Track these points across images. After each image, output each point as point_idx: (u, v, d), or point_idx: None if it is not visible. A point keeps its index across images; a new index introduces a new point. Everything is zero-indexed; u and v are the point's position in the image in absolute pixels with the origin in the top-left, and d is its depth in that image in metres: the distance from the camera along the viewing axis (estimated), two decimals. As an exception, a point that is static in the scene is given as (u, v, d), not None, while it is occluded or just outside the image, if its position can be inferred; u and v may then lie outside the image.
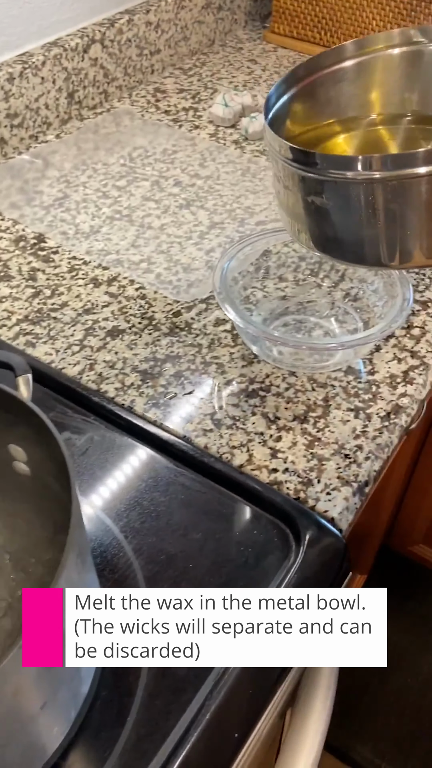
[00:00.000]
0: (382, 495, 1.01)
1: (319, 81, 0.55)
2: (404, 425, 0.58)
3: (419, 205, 0.43)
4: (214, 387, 0.59)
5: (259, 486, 0.51)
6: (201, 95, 1.01)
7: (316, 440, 0.56)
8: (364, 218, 0.45)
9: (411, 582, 1.36)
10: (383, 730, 1.19)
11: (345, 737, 1.18)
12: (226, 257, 0.62)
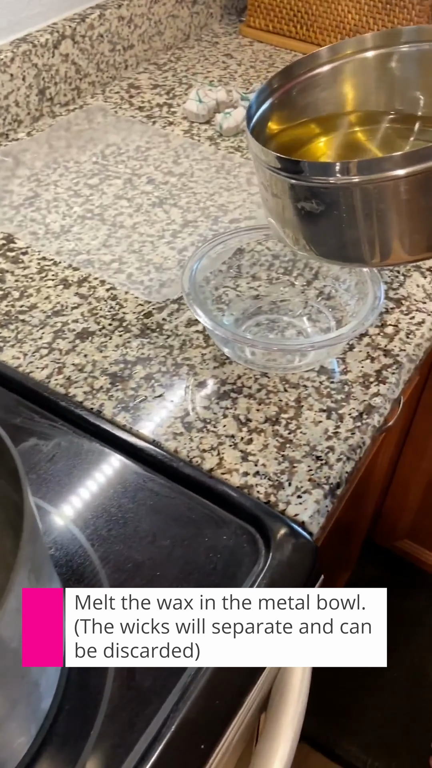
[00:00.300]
0: (364, 490, 1.01)
1: (296, 88, 0.55)
2: (377, 425, 0.57)
3: (404, 203, 0.43)
4: (185, 389, 0.59)
5: (229, 490, 0.51)
6: (175, 91, 1.00)
7: (287, 442, 0.55)
8: (355, 220, 0.44)
9: (397, 577, 1.37)
10: (370, 727, 1.19)
11: (332, 734, 1.18)
12: (196, 257, 0.61)
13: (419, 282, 0.69)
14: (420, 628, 1.30)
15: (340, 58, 0.54)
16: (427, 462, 1.15)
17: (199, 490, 0.51)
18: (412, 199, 0.43)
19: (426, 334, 0.64)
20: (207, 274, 0.66)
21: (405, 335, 0.64)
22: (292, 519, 0.50)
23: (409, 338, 0.64)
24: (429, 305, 0.67)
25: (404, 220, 0.44)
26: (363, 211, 0.43)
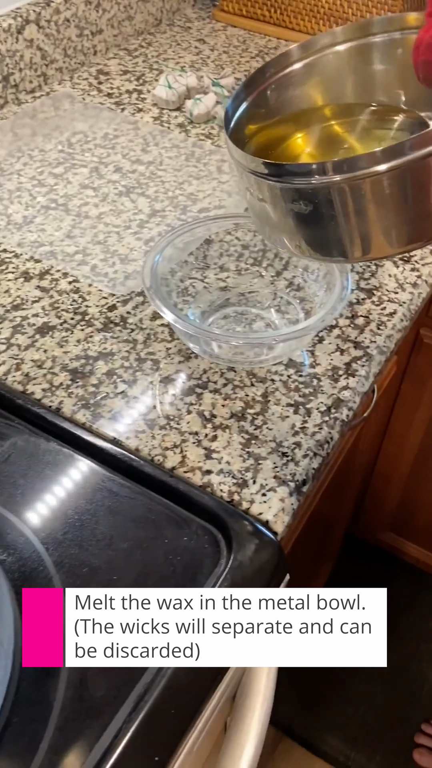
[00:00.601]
0: (344, 482, 1.00)
1: (270, 87, 0.54)
2: (345, 419, 0.55)
3: (392, 197, 0.42)
4: (148, 385, 0.57)
5: (190, 489, 0.49)
6: (146, 77, 0.97)
7: (253, 438, 0.53)
8: (342, 217, 0.43)
9: (379, 569, 1.36)
10: (353, 720, 1.18)
11: (314, 728, 1.17)
12: (158, 248, 0.59)
13: (391, 272, 0.68)
14: (403, 621, 1.30)
15: (312, 54, 0.53)
16: (407, 453, 1.14)
17: (160, 490, 0.49)
18: (394, 192, 0.41)
19: (397, 324, 0.63)
20: (173, 265, 0.64)
21: (376, 326, 0.62)
22: (256, 518, 0.48)
23: (380, 329, 0.62)
24: (401, 295, 0.65)
25: (390, 212, 0.43)
26: (351, 207, 0.42)
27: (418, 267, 0.68)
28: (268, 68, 0.52)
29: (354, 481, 1.08)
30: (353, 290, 0.66)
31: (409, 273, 0.68)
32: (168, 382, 0.57)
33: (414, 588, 1.34)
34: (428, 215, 0.43)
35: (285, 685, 1.20)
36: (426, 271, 0.68)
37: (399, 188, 0.41)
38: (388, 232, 0.44)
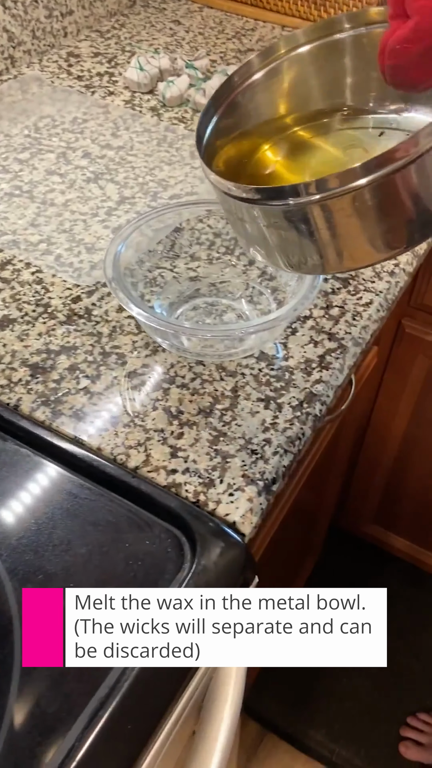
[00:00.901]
0: (326, 474, 0.98)
1: (237, 98, 0.52)
2: (318, 414, 0.53)
3: (374, 209, 0.40)
4: (112, 381, 0.54)
5: (154, 490, 0.46)
6: (118, 59, 0.94)
7: (221, 435, 0.51)
8: (318, 234, 0.42)
9: (364, 562, 1.34)
10: (338, 714, 1.17)
11: (298, 723, 1.16)
12: (121, 237, 0.56)
13: (368, 259, 0.65)
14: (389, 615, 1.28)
15: (274, 60, 0.51)
16: (391, 445, 1.12)
17: (122, 491, 0.47)
18: (375, 204, 0.40)
19: (373, 315, 0.61)
20: (141, 255, 0.61)
21: (351, 317, 0.60)
22: (222, 519, 0.46)
23: (356, 320, 0.60)
24: (377, 284, 0.63)
25: (371, 223, 0.41)
26: (331, 223, 0.41)
27: (395, 255, 0.66)
28: (233, 79, 0.51)
29: (336, 473, 1.07)
30: (328, 279, 0.64)
31: (386, 261, 0.65)
32: (133, 377, 0.55)
33: (400, 581, 1.32)
34: (407, 222, 0.41)
35: (269, 680, 1.19)
36: (404, 259, 0.66)
37: (381, 199, 0.39)
38: (369, 242, 0.43)
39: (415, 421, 1.05)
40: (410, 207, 0.39)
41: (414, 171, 0.36)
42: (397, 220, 0.41)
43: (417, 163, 0.36)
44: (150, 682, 0.38)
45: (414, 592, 1.31)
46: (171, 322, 0.50)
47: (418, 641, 1.25)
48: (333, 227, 0.41)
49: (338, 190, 0.38)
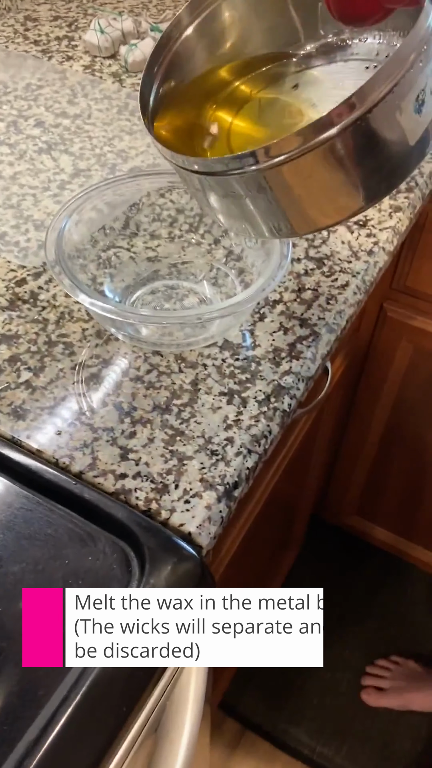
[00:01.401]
0: (305, 466, 0.93)
1: (174, 59, 0.46)
2: (287, 409, 0.48)
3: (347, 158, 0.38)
4: (58, 373, 0.49)
5: (99, 498, 0.41)
6: (79, 23, 0.87)
7: (178, 434, 0.46)
8: (275, 200, 0.40)
9: (347, 553, 1.31)
10: (318, 711, 1.14)
11: (278, 721, 1.12)
12: (66, 212, 0.50)
13: (345, 238, 0.60)
14: (372, 607, 1.25)
15: (204, 10, 0.45)
16: (373, 434, 1.07)
17: (63, 500, 0.41)
18: (348, 152, 0.37)
19: (350, 298, 0.55)
20: (94, 232, 0.55)
21: (325, 301, 0.55)
22: (176, 530, 0.41)
23: (330, 304, 0.54)
24: (354, 265, 0.58)
25: (349, 172, 0.39)
26: (282, 189, 0.39)
27: (374, 233, 0.60)
28: (166, 39, 0.45)
29: (317, 465, 1.02)
30: (300, 260, 0.58)
31: (364, 239, 0.60)
32: (82, 369, 0.49)
33: (383, 572, 1.29)
34: (380, 169, 0.37)
35: (248, 677, 1.15)
36: (384, 236, 0.60)
37: (355, 145, 0.36)
38: (331, 200, 0.40)
39: (398, 410, 1.01)
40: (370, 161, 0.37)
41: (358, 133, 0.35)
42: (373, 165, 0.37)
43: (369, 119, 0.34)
44: (112, 681, 0.34)
45: (397, 584, 1.28)
46: (122, 308, 0.44)
47: (398, 632, 1.22)
48: (289, 190, 0.38)
49: (283, 157, 0.35)
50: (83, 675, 0.35)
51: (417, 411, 0.99)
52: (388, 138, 0.37)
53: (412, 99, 0.36)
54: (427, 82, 0.36)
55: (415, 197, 0.64)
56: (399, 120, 0.36)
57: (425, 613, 1.24)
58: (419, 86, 0.35)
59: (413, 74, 0.35)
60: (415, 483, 1.10)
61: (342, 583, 1.28)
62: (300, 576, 1.26)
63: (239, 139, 0.46)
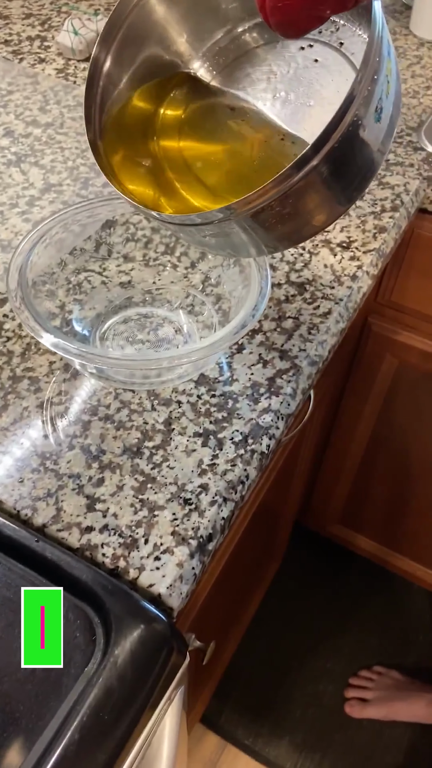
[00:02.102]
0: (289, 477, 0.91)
1: (121, 52, 0.42)
2: (265, 451, 0.45)
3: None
4: (21, 412, 0.46)
5: (61, 557, 0.38)
6: (52, 22, 0.83)
7: (149, 481, 0.43)
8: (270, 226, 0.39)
9: (330, 562, 1.29)
10: (300, 724, 1.13)
11: (259, 734, 1.11)
12: (36, 235, 0.47)
13: (327, 261, 0.57)
14: (355, 616, 1.24)
15: (115, 37, 0.42)
16: (356, 446, 1.05)
17: (24, 558, 0.39)
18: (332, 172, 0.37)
19: (332, 327, 0.53)
20: (63, 255, 0.52)
21: (307, 330, 0.52)
22: (145, 591, 0.38)
23: (312, 334, 0.52)
24: (337, 291, 0.55)
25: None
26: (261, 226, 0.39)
27: (358, 255, 0.58)
28: (90, 79, 0.42)
29: (300, 474, 1.00)
30: (282, 284, 0.55)
31: (348, 263, 0.57)
32: (48, 408, 0.46)
33: (365, 581, 1.28)
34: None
35: (230, 689, 1.14)
36: (368, 260, 0.58)
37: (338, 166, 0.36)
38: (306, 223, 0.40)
39: (382, 422, 0.99)
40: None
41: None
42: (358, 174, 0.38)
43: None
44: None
45: (380, 593, 1.27)
46: (88, 351, 0.41)
47: (381, 642, 1.21)
48: (265, 225, 0.38)
49: (261, 204, 0.35)
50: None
51: (401, 423, 0.97)
52: (357, 156, 0.37)
53: (372, 112, 0.35)
54: (383, 88, 0.34)
55: (400, 216, 0.62)
56: (363, 136, 0.36)
57: (407, 623, 1.23)
58: (377, 98, 0.34)
59: (370, 93, 0.33)
60: (398, 493, 1.09)
61: (324, 593, 1.27)
62: (282, 587, 1.24)
63: (197, 161, 0.44)
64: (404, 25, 0.88)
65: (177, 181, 0.43)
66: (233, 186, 0.43)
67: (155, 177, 0.43)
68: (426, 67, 0.81)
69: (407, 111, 0.74)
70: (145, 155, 0.43)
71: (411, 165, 0.67)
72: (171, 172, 0.43)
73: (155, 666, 0.36)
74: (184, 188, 0.42)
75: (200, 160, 0.43)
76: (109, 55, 0.41)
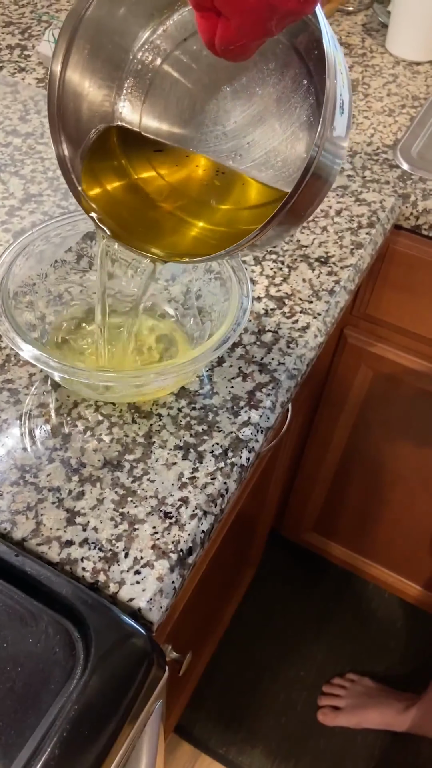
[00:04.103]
0: (266, 484, 0.92)
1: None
2: (245, 464, 0.46)
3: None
4: (1, 425, 0.45)
5: (41, 571, 0.38)
6: (33, 30, 0.83)
7: (129, 494, 0.43)
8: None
9: (305, 570, 1.30)
10: (273, 731, 1.13)
11: (233, 742, 1.11)
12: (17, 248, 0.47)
13: (306, 276, 0.58)
14: (328, 623, 1.25)
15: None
16: (332, 455, 1.07)
17: (3, 573, 0.38)
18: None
19: (310, 341, 0.54)
20: (44, 266, 0.52)
21: (285, 344, 0.53)
22: (125, 605, 0.38)
23: (290, 348, 0.53)
24: (315, 305, 0.56)
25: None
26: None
27: (336, 270, 0.59)
28: (52, 121, 0.42)
29: (276, 484, 1.01)
30: (261, 298, 0.56)
31: (325, 278, 0.58)
32: (28, 420, 0.46)
33: (339, 588, 1.29)
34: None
35: (204, 698, 1.14)
36: (345, 275, 0.59)
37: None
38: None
39: (357, 432, 1.00)
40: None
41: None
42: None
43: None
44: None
45: (351, 599, 1.28)
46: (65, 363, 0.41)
47: (354, 649, 1.22)
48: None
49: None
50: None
51: (375, 433, 0.99)
52: (331, 167, 0.37)
53: (337, 115, 0.35)
54: (343, 84, 0.34)
55: (376, 233, 0.63)
56: (335, 140, 0.35)
57: (380, 630, 1.25)
58: (340, 98, 0.34)
59: (334, 99, 0.34)
60: (371, 501, 1.10)
61: (298, 600, 1.28)
62: (256, 595, 1.25)
63: (181, 182, 0.44)
64: (380, 44, 0.90)
65: (164, 201, 0.43)
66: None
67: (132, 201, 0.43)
68: (401, 86, 0.82)
69: (383, 129, 0.75)
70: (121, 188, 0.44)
71: (387, 182, 0.68)
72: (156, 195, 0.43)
73: (135, 680, 0.36)
74: (171, 204, 0.43)
75: (184, 182, 0.44)
76: (61, 137, 0.41)
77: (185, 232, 0.44)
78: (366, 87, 0.82)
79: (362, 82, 0.82)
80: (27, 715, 0.34)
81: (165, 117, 0.44)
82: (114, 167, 0.45)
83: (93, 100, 0.43)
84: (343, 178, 0.68)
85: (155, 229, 0.44)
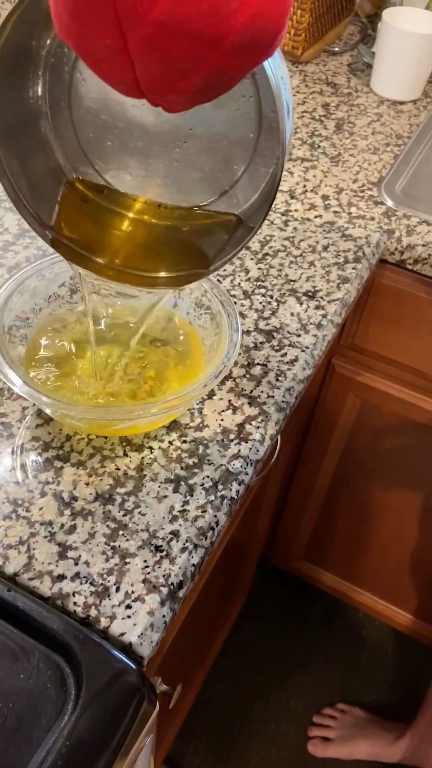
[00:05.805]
0: (256, 513, 0.92)
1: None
2: (235, 497, 0.47)
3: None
4: (-6, 458, 0.46)
5: (32, 606, 0.39)
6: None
7: (120, 528, 0.44)
8: None
9: (294, 598, 1.30)
10: (263, 763, 1.12)
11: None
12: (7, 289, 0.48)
13: (294, 310, 0.60)
14: (318, 652, 1.24)
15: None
16: (320, 483, 1.07)
17: (-5, 607, 0.39)
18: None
19: (299, 374, 0.55)
20: (37, 300, 0.53)
21: (274, 377, 0.54)
22: (116, 640, 0.39)
23: (279, 381, 0.54)
24: (303, 338, 0.57)
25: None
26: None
27: (323, 304, 0.60)
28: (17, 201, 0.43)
29: (265, 513, 1.01)
30: (250, 332, 0.57)
31: (313, 312, 0.60)
32: (20, 454, 0.47)
33: (329, 616, 1.29)
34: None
35: (194, 729, 1.13)
36: (332, 309, 0.60)
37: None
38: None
39: (345, 460, 1.01)
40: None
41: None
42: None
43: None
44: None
45: (341, 628, 1.28)
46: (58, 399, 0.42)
47: (344, 678, 1.21)
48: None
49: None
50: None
51: (363, 461, 1.00)
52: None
53: (288, 118, 0.35)
54: (287, 93, 0.35)
55: (362, 267, 0.65)
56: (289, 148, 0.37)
57: (369, 659, 1.25)
58: (287, 104, 0.35)
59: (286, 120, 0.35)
60: (360, 529, 1.11)
61: (288, 629, 1.27)
62: (246, 624, 1.24)
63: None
64: (365, 83, 0.93)
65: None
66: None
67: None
68: (385, 125, 0.85)
69: (369, 167, 0.78)
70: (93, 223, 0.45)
71: (372, 218, 0.70)
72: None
73: (126, 716, 0.36)
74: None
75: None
76: (31, 212, 0.43)
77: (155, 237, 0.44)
78: (351, 126, 0.84)
79: (348, 121, 0.85)
80: (19, 752, 0.34)
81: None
82: (83, 206, 0.45)
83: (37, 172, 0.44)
84: (330, 214, 0.70)
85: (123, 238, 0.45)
